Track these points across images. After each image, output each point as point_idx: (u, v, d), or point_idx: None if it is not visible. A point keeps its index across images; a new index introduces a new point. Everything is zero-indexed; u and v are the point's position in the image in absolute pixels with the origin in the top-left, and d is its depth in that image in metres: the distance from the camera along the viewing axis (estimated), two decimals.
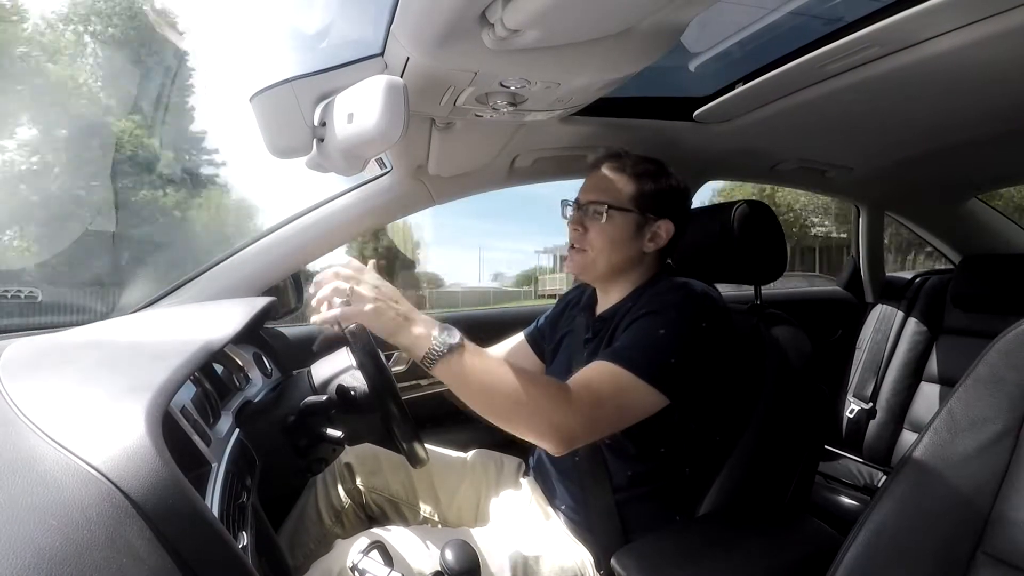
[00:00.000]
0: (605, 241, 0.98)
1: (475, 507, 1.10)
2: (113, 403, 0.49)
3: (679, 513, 0.95)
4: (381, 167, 1.30)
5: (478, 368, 0.74)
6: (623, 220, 0.97)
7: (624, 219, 0.97)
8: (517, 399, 0.74)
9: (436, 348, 0.72)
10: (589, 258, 0.99)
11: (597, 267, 1.00)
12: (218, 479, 0.64)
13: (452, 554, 0.64)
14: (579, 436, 0.78)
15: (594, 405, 0.79)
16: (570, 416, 0.76)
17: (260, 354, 1.14)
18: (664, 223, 0.99)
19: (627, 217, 0.97)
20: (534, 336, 1.22)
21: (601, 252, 0.98)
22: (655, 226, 0.99)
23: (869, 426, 1.72)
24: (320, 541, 1.02)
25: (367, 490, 1.09)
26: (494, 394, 0.75)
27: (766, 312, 1.09)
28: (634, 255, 1.00)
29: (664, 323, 0.86)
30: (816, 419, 1.02)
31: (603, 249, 0.98)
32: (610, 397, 0.80)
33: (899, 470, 0.64)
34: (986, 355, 0.63)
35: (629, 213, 0.97)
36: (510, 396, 0.74)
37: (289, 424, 0.95)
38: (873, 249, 1.98)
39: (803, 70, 0.98)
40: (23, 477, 0.41)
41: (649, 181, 0.99)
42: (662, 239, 0.99)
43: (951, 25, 0.81)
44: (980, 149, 1.40)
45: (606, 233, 0.98)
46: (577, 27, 0.73)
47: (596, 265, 1.00)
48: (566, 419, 0.76)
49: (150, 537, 0.41)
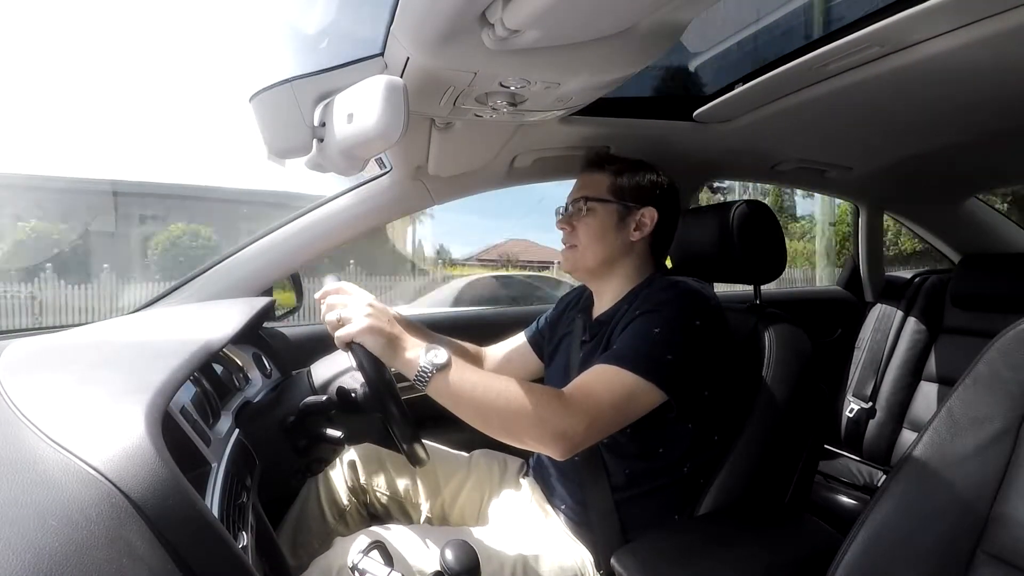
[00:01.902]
0: (591, 234, 1.02)
1: (478, 506, 1.10)
2: (113, 403, 0.49)
3: (678, 512, 0.95)
4: (381, 167, 1.30)
5: (468, 385, 0.76)
6: (604, 211, 1.02)
7: (605, 210, 1.02)
8: (514, 411, 0.75)
9: (426, 369, 0.75)
10: (578, 253, 1.04)
11: (587, 261, 1.04)
12: (218, 479, 0.64)
13: (452, 554, 0.64)
14: (582, 440, 0.79)
15: (594, 407, 0.79)
16: (571, 421, 0.77)
17: (260, 354, 1.14)
18: (647, 210, 1.02)
19: (608, 208, 1.02)
20: (535, 337, 1.22)
21: (588, 246, 1.02)
22: (638, 214, 1.02)
23: (869, 425, 1.72)
24: (323, 539, 1.02)
25: (370, 488, 1.09)
26: (489, 409, 0.76)
27: (766, 312, 1.09)
28: (622, 245, 1.03)
29: (659, 322, 0.87)
30: (816, 418, 1.02)
31: (589, 242, 1.02)
32: (609, 397, 0.81)
33: (899, 469, 0.64)
34: (986, 354, 0.63)
35: (609, 203, 1.02)
36: (506, 409, 0.75)
37: (289, 424, 0.96)
38: (872, 248, 1.98)
39: (803, 70, 0.98)
40: (23, 477, 0.41)
41: (627, 173, 1.04)
42: (647, 226, 1.03)
43: (951, 25, 0.81)
44: (980, 149, 1.40)
45: (591, 226, 1.02)
46: (577, 27, 0.73)
47: (586, 259, 1.03)
48: (567, 424, 0.77)
49: (150, 537, 0.41)
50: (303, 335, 1.38)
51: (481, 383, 0.76)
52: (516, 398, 0.76)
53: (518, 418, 0.76)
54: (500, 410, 0.75)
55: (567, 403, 0.78)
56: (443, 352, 0.76)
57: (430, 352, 0.76)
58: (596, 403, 0.80)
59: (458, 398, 0.76)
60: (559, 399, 0.79)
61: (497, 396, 0.75)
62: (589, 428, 0.79)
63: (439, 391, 0.76)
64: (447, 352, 0.77)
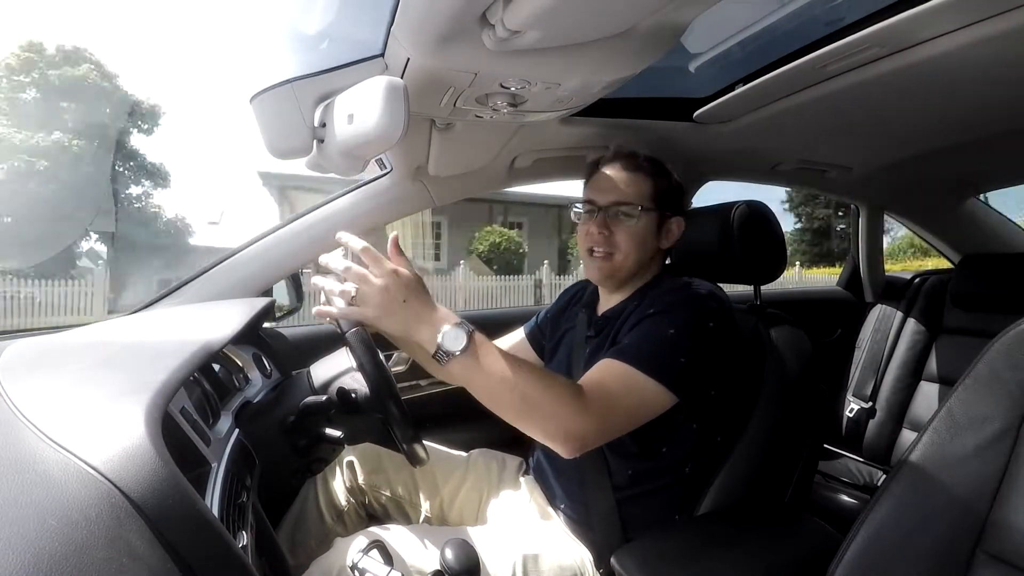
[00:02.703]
0: (634, 243, 0.96)
1: (477, 506, 1.10)
2: (113, 403, 0.49)
3: (679, 512, 0.95)
4: (381, 168, 1.30)
5: (485, 371, 0.73)
6: (647, 219, 0.98)
7: (648, 218, 0.98)
8: (529, 404, 0.74)
9: (441, 353, 0.72)
10: (617, 262, 0.97)
11: (625, 270, 0.98)
12: (218, 479, 0.64)
13: (452, 553, 0.64)
14: (591, 440, 0.78)
15: (607, 407, 0.78)
16: (584, 420, 0.76)
17: (259, 354, 1.14)
18: (676, 220, 1.01)
19: (650, 216, 0.98)
20: (534, 333, 1.21)
21: (629, 254, 0.97)
22: (670, 223, 1.01)
23: (869, 425, 1.72)
24: (321, 540, 1.02)
25: (369, 488, 1.09)
26: (503, 397, 0.74)
27: (766, 312, 1.09)
28: (653, 253, 1.01)
29: (673, 323, 0.86)
30: (816, 418, 1.02)
31: (631, 251, 0.97)
32: (622, 398, 0.80)
33: (899, 469, 0.64)
34: (986, 354, 0.63)
35: (653, 212, 0.98)
36: (521, 401, 0.74)
37: (288, 424, 0.96)
38: (872, 249, 1.99)
39: (803, 71, 0.98)
40: (23, 477, 0.41)
41: (664, 179, 1.00)
42: (674, 235, 1.01)
43: (951, 26, 0.81)
44: (979, 149, 1.40)
45: (636, 235, 0.96)
46: (577, 28, 0.73)
47: (626, 267, 0.98)
48: (579, 424, 0.75)
49: (150, 537, 0.41)
50: (303, 335, 1.38)
51: (498, 373, 0.73)
52: (533, 392, 0.74)
53: (532, 412, 0.74)
54: (514, 402, 0.74)
55: (584, 403, 0.76)
56: (463, 335, 0.72)
57: (449, 335, 0.72)
58: (611, 406, 0.79)
59: (473, 384, 0.74)
60: (577, 399, 0.76)
61: (512, 389, 0.73)
62: (600, 431, 0.78)
63: (451, 375, 0.74)
64: (466, 334, 0.73)
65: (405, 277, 0.74)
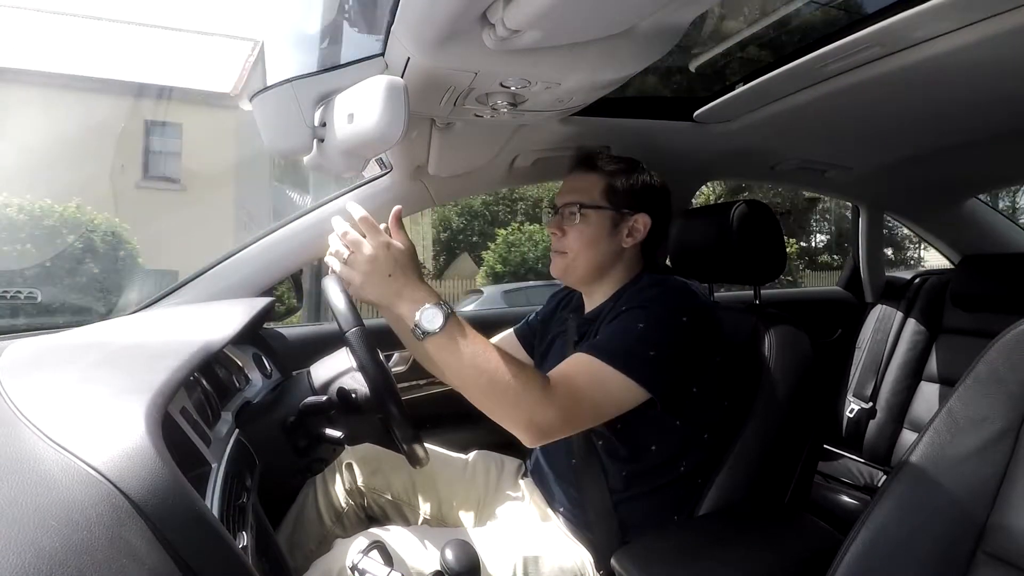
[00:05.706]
0: (583, 242, 0.98)
1: (476, 508, 1.10)
2: (113, 404, 0.49)
3: (678, 513, 0.95)
4: (381, 167, 1.30)
5: (458, 352, 0.75)
6: (598, 218, 0.98)
7: (599, 217, 0.98)
8: (496, 389, 0.76)
9: (418, 330, 0.75)
10: (569, 260, 0.99)
11: (578, 269, 1.00)
12: (218, 479, 0.64)
13: (452, 554, 0.64)
14: (555, 429, 0.79)
15: (572, 400, 0.80)
16: (548, 410, 0.77)
17: (260, 355, 1.14)
18: (640, 216, 0.99)
19: (601, 214, 0.98)
20: (525, 333, 1.21)
21: (579, 253, 0.98)
22: (631, 221, 0.99)
23: (869, 426, 1.72)
24: (320, 541, 1.02)
25: (368, 490, 1.09)
26: (472, 380, 0.76)
27: (765, 312, 1.09)
28: (613, 252, 1.00)
29: (643, 317, 0.86)
30: (815, 419, 1.02)
31: (581, 250, 0.98)
32: (587, 390, 0.81)
33: (899, 470, 0.64)
34: (986, 355, 0.63)
35: (603, 210, 0.98)
36: (488, 385, 0.76)
37: (289, 425, 0.95)
38: (872, 249, 1.98)
39: (803, 71, 0.98)
40: (23, 478, 0.41)
41: (621, 177, 0.99)
42: (640, 233, 1.00)
43: (951, 26, 0.81)
44: (980, 149, 1.40)
45: (584, 234, 0.98)
46: (577, 27, 0.73)
47: (577, 267, 1.00)
48: (543, 413, 0.77)
49: (150, 538, 0.41)
50: (303, 335, 1.38)
51: (469, 356, 0.75)
52: (501, 379, 0.75)
53: (499, 397, 0.76)
54: (482, 386, 0.76)
55: (549, 393, 0.78)
56: (440, 316, 0.74)
57: (427, 313, 0.74)
58: (577, 399, 0.80)
59: (446, 364, 0.77)
60: (544, 389, 0.78)
61: (481, 374, 0.75)
62: (565, 421, 0.79)
63: (425, 352, 0.78)
64: (444, 315, 0.74)
65: (396, 251, 0.77)
